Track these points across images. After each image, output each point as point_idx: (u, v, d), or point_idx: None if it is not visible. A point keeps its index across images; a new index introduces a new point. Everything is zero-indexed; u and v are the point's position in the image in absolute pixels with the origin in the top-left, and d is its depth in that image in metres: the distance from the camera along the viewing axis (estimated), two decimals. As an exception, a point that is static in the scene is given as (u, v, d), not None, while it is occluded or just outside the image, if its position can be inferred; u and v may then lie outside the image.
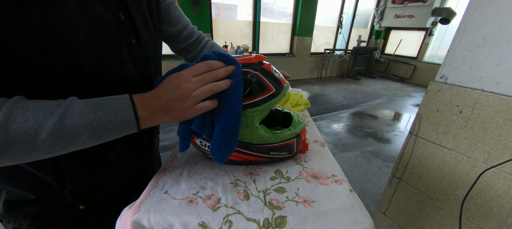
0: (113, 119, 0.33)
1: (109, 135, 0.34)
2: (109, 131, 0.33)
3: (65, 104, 0.31)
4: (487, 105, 0.70)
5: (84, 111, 0.31)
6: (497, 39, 0.66)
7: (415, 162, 0.92)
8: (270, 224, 0.38)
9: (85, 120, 0.31)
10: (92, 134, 0.32)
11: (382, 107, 3.89)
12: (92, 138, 0.32)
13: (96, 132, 0.32)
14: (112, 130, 0.33)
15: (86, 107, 0.31)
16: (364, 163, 2.20)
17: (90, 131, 0.31)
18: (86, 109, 0.31)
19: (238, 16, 4.63)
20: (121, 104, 0.34)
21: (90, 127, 0.31)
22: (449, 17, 4.56)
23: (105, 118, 0.32)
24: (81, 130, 0.31)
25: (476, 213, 0.78)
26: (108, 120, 0.33)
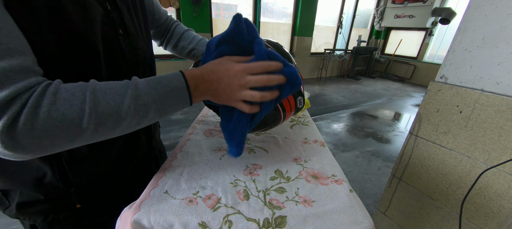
0: (171, 96, 0.36)
1: (169, 110, 0.37)
2: (168, 106, 0.37)
3: (132, 86, 0.34)
4: (487, 106, 0.70)
5: (148, 90, 0.35)
6: (497, 39, 0.66)
7: (415, 162, 0.92)
8: (270, 224, 0.38)
9: (151, 98, 0.35)
10: (157, 110, 0.36)
11: (382, 107, 3.89)
12: (156, 114, 0.36)
13: (159, 108, 0.36)
14: (171, 106, 0.37)
15: (148, 87, 0.35)
16: (364, 163, 2.20)
17: (156, 107, 0.35)
18: (149, 89, 0.35)
19: (238, 16, 4.62)
20: (176, 82, 0.37)
21: (155, 104, 0.35)
22: (449, 17, 4.56)
23: (164, 95, 0.36)
24: (149, 107, 0.35)
25: (476, 213, 0.78)
26: (167, 96, 0.36)
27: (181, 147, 0.60)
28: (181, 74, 0.38)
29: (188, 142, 0.63)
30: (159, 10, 0.67)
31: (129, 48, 0.46)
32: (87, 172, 0.46)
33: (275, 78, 0.40)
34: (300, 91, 0.49)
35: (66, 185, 0.44)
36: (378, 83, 5.64)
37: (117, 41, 0.43)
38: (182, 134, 2.53)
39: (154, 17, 0.65)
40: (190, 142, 0.63)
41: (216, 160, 0.55)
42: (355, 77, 6.03)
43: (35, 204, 0.45)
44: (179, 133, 2.58)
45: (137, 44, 0.49)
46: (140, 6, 0.53)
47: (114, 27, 0.43)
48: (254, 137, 0.68)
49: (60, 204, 0.46)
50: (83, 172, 0.45)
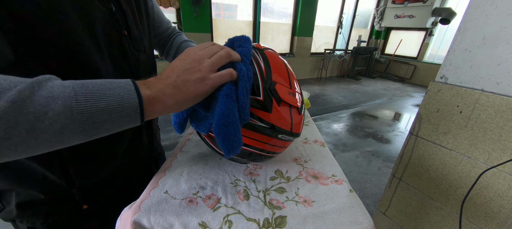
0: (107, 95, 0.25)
1: (101, 119, 0.25)
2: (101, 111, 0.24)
3: (45, 77, 0.24)
4: (487, 106, 0.70)
5: (69, 84, 0.24)
6: (497, 39, 0.66)
7: (415, 162, 0.92)
8: (270, 224, 0.38)
9: (68, 92, 0.23)
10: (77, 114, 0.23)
11: (382, 107, 3.89)
12: (75, 122, 0.23)
13: (82, 112, 0.23)
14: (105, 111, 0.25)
15: (71, 83, 0.24)
16: (364, 163, 2.20)
17: (74, 108, 0.23)
18: (72, 83, 0.24)
19: (238, 16, 4.63)
20: (119, 82, 0.27)
21: (74, 102, 0.23)
22: (449, 17, 4.56)
23: (96, 93, 0.24)
24: (60, 105, 0.22)
25: (476, 213, 0.78)
26: (100, 95, 0.24)
27: (181, 147, 0.60)
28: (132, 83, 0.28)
29: (188, 142, 0.63)
30: (160, 19, 0.67)
31: (132, 50, 0.46)
32: (91, 172, 0.45)
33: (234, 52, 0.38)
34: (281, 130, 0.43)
35: (69, 185, 0.42)
36: (378, 84, 5.64)
37: (120, 42, 0.43)
38: (182, 134, 2.52)
39: (154, 25, 0.65)
40: (190, 142, 0.63)
41: (216, 160, 0.55)
42: (355, 77, 6.03)
43: (35, 205, 0.42)
44: (179, 133, 2.58)
45: (140, 47, 0.49)
46: (145, 11, 0.53)
47: (119, 29, 0.42)
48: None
49: (62, 205, 0.45)
50: (87, 172, 0.44)
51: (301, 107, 0.48)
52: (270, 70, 0.42)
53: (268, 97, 0.41)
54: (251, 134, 0.42)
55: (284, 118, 0.43)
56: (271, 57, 0.45)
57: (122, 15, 0.44)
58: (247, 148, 0.44)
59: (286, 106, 0.43)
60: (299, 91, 0.48)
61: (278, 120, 0.42)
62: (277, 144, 0.46)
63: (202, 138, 0.50)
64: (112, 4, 0.41)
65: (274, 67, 0.43)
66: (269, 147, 0.46)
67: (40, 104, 0.22)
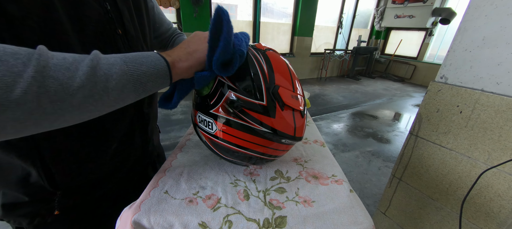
0: (144, 61, 0.32)
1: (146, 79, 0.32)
2: (143, 74, 0.31)
3: (95, 51, 0.29)
4: (487, 106, 0.70)
5: (117, 56, 0.30)
6: (497, 39, 0.66)
7: (415, 162, 0.92)
8: (270, 224, 0.38)
9: (119, 60, 0.30)
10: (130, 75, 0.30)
11: (382, 107, 3.89)
12: (130, 81, 0.30)
13: (133, 74, 0.30)
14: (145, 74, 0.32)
15: (116, 55, 0.31)
16: (364, 163, 2.20)
17: (126, 71, 0.30)
18: (116, 56, 0.30)
19: (238, 16, 4.63)
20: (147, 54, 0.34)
21: (126, 67, 0.30)
22: (449, 17, 4.55)
23: (137, 60, 0.31)
24: (118, 69, 0.29)
25: (476, 213, 0.78)
26: (140, 61, 0.32)
27: (181, 147, 0.60)
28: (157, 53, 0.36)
29: (188, 142, 0.63)
30: (161, 20, 0.67)
31: (127, 48, 0.46)
32: (75, 174, 0.44)
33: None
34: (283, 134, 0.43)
35: (52, 187, 0.41)
36: (378, 84, 5.64)
37: (114, 41, 0.43)
38: (182, 134, 2.53)
39: (155, 25, 0.64)
40: (190, 142, 0.63)
41: (216, 160, 0.55)
42: (355, 77, 6.03)
43: (20, 206, 0.42)
44: (179, 133, 2.58)
45: (137, 47, 0.49)
46: (145, 11, 0.53)
47: (113, 27, 0.42)
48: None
49: (46, 207, 0.44)
50: (72, 174, 0.43)
51: (304, 110, 0.47)
52: (273, 72, 0.42)
53: (271, 102, 0.40)
54: (252, 138, 0.42)
55: (287, 122, 0.42)
56: (273, 58, 0.44)
57: (118, 14, 0.43)
58: (248, 151, 0.44)
59: (289, 110, 0.43)
60: (301, 93, 0.47)
61: (281, 125, 0.41)
62: (279, 147, 0.46)
63: (202, 140, 0.50)
64: (107, 3, 0.41)
65: (277, 69, 0.43)
66: (271, 150, 0.46)
67: (106, 68, 0.28)
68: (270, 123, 0.40)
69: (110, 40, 0.42)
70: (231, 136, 0.42)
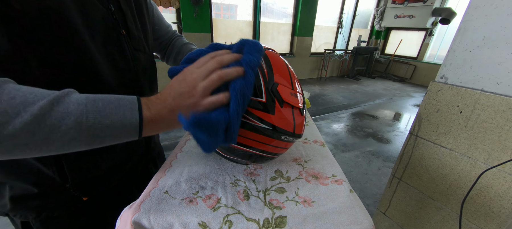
0: (113, 113, 0.29)
1: (104, 134, 0.29)
2: (105, 128, 0.29)
3: (62, 91, 0.27)
4: (487, 106, 0.70)
5: (83, 101, 0.28)
6: (497, 39, 0.66)
7: (415, 162, 0.92)
8: (270, 224, 0.38)
9: (80, 109, 0.27)
10: (85, 129, 0.27)
11: (382, 107, 3.89)
12: (83, 135, 0.27)
13: (90, 128, 0.27)
14: (108, 128, 0.29)
15: (86, 98, 0.28)
16: (364, 163, 2.20)
17: (84, 124, 0.27)
18: (86, 100, 0.28)
19: (238, 16, 4.63)
20: (125, 101, 0.31)
21: (85, 119, 0.27)
22: (449, 17, 4.55)
23: (104, 110, 0.28)
24: (73, 121, 0.26)
25: (476, 213, 0.78)
26: (107, 113, 0.28)
27: (181, 147, 0.60)
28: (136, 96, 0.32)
29: (188, 141, 0.63)
30: (160, 22, 0.67)
31: (131, 49, 0.47)
32: (85, 168, 0.45)
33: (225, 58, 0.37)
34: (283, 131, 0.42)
35: (62, 180, 0.42)
36: (378, 84, 5.64)
37: (118, 41, 0.44)
38: (182, 134, 2.53)
39: (154, 27, 0.65)
40: (190, 141, 0.63)
41: (216, 160, 0.55)
42: (355, 78, 6.03)
43: (28, 199, 0.43)
44: (179, 133, 2.58)
45: (139, 47, 0.50)
46: (147, 12, 0.55)
47: (117, 28, 0.44)
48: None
49: (55, 201, 0.45)
50: (81, 167, 0.44)
51: (303, 108, 0.47)
52: (272, 71, 0.42)
53: (270, 99, 0.40)
54: (252, 135, 0.42)
55: (286, 119, 0.42)
56: (272, 57, 0.45)
57: (121, 15, 0.45)
58: (248, 149, 0.44)
59: (289, 108, 0.43)
60: (300, 92, 0.48)
61: (281, 121, 0.42)
62: (279, 145, 0.46)
63: None
64: (111, 5, 0.42)
65: (276, 68, 0.43)
66: (271, 148, 0.46)
67: (56, 118, 0.26)
68: (270, 119, 0.40)
69: (115, 40, 0.44)
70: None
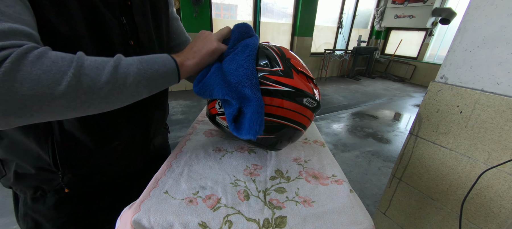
0: (156, 62, 0.39)
1: (156, 77, 0.39)
2: (155, 72, 0.39)
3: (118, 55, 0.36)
4: (487, 106, 0.70)
5: (134, 57, 0.37)
6: (497, 39, 0.66)
7: (415, 162, 0.92)
8: (270, 224, 0.38)
9: (136, 61, 0.37)
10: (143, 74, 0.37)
11: (382, 107, 3.89)
12: (144, 79, 0.37)
13: (146, 72, 0.37)
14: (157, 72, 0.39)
15: (133, 58, 0.37)
16: (364, 163, 2.20)
17: (141, 70, 0.37)
18: (135, 57, 0.37)
19: (238, 16, 4.63)
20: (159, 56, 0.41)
21: (141, 66, 0.37)
22: (449, 18, 4.55)
23: (150, 61, 0.38)
24: (135, 68, 0.36)
25: (476, 213, 0.78)
26: (153, 62, 0.39)
27: (181, 147, 0.60)
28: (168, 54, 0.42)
29: (188, 142, 0.63)
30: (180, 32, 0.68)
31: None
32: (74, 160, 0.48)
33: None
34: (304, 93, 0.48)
35: (55, 167, 0.46)
36: (378, 84, 5.64)
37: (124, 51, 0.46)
38: (182, 134, 2.53)
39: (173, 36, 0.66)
40: (190, 142, 0.63)
41: (216, 160, 0.55)
42: (355, 78, 6.03)
43: (28, 177, 0.48)
44: (179, 133, 2.58)
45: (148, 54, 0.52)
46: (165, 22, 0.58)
47: (125, 38, 0.46)
48: (254, 137, 0.68)
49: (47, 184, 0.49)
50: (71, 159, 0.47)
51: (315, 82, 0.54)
52: (283, 51, 0.50)
53: (287, 67, 0.48)
54: (276, 102, 0.46)
55: (305, 83, 0.49)
56: (280, 46, 0.53)
57: (133, 27, 0.47)
58: (274, 119, 0.46)
59: (304, 77, 0.49)
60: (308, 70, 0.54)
61: (300, 84, 0.48)
62: (303, 112, 0.49)
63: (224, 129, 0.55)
64: (123, 17, 0.45)
65: (285, 51, 0.51)
66: (296, 115, 0.48)
67: (125, 67, 0.35)
68: (290, 82, 0.47)
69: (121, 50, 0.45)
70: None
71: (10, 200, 0.57)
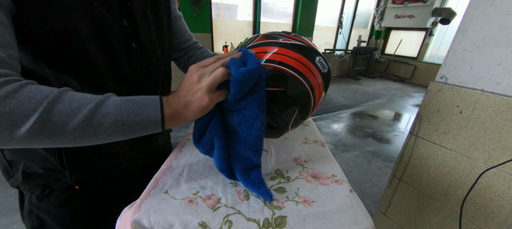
0: (141, 112, 0.35)
1: (135, 128, 0.35)
2: (135, 123, 0.35)
3: (104, 96, 0.34)
4: (487, 106, 0.70)
5: (118, 103, 0.34)
6: (497, 39, 0.66)
7: (415, 162, 0.92)
8: (270, 224, 0.38)
9: (117, 110, 0.34)
10: (120, 125, 0.34)
11: (382, 107, 3.89)
12: (119, 129, 0.34)
13: (124, 124, 0.34)
14: (138, 123, 0.35)
15: (120, 100, 0.35)
16: (364, 163, 2.20)
17: (119, 121, 0.34)
18: (121, 102, 0.34)
19: (238, 16, 4.63)
20: (150, 101, 0.36)
21: (120, 117, 0.34)
22: (449, 18, 4.55)
23: (134, 110, 0.35)
24: (111, 119, 0.33)
25: (476, 213, 0.78)
26: (136, 112, 0.35)
27: (181, 147, 0.60)
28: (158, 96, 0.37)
29: (188, 141, 0.63)
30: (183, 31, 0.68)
31: (141, 61, 0.50)
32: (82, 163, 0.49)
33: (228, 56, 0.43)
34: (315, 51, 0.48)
35: (62, 167, 0.47)
36: (378, 84, 5.64)
37: (127, 54, 0.46)
38: (182, 134, 2.53)
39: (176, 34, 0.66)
40: (190, 141, 0.63)
41: (216, 160, 0.55)
42: (355, 78, 6.03)
43: (36, 177, 0.48)
44: (179, 133, 2.59)
45: (151, 58, 0.52)
46: (167, 22, 0.57)
47: (127, 41, 0.46)
48: (254, 137, 0.68)
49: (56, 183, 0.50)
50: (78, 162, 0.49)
51: None
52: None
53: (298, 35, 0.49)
54: (288, 52, 0.45)
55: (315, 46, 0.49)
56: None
57: (134, 29, 0.47)
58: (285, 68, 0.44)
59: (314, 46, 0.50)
60: None
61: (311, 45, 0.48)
62: (314, 71, 0.46)
63: None
64: (124, 20, 0.45)
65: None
66: (307, 71, 0.45)
67: (100, 117, 0.33)
68: (303, 40, 0.48)
69: (123, 52, 0.46)
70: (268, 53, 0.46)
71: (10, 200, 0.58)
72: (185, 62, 0.72)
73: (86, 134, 0.32)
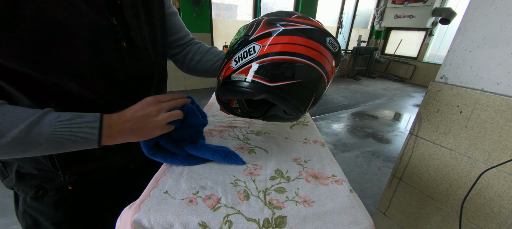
0: (76, 132, 0.35)
1: (68, 146, 0.36)
2: (69, 143, 0.35)
3: (39, 114, 0.34)
4: (487, 106, 0.70)
5: (54, 122, 0.34)
6: (497, 39, 0.66)
7: (415, 162, 0.92)
8: (270, 224, 0.38)
9: (51, 130, 0.34)
10: (53, 143, 0.34)
11: (382, 107, 3.89)
12: (51, 147, 0.35)
13: (58, 142, 0.34)
14: (72, 143, 0.36)
15: (57, 119, 0.35)
16: (364, 163, 2.20)
17: (53, 140, 0.34)
18: (56, 121, 0.34)
19: (238, 16, 4.63)
20: (89, 121, 0.37)
21: (53, 137, 0.34)
22: (449, 18, 4.56)
23: (70, 130, 0.35)
24: (44, 139, 0.33)
25: (476, 213, 0.78)
26: (71, 132, 0.35)
27: (181, 147, 0.60)
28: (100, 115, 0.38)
29: (188, 142, 0.63)
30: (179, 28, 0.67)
31: (133, 60, 0.48)
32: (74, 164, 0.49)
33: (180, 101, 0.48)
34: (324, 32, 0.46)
35: (54, 168, 0.47)
36: (378, 84, 5.64)
37: (118, 54, 0.45)
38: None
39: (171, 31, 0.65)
40: (190, 142, 0.63)
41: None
42: (355, 78, 6.03)
43: (30, 177, 0.48)
44: (179, 133, 2.58)
45: (143, 57, 0.51)
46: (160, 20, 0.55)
47: (118, 41, 0.45)
48: (254, 137, 0.68)
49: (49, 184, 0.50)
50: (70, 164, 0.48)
51: None
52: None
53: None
54: (296, 40, 0.43)
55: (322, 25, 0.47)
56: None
57: (125, 27, 0.45)
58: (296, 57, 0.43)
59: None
60: None
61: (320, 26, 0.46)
62: (325, 53, 0.45)
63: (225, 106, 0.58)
64: (113, 18, 0.43)
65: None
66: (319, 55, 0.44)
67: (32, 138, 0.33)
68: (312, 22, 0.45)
69: (113, 51, 0.44)
70: (277, 45, 0.44)
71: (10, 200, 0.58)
72: (182, 59, 0.70)
73: (14, 151, 0.33)
